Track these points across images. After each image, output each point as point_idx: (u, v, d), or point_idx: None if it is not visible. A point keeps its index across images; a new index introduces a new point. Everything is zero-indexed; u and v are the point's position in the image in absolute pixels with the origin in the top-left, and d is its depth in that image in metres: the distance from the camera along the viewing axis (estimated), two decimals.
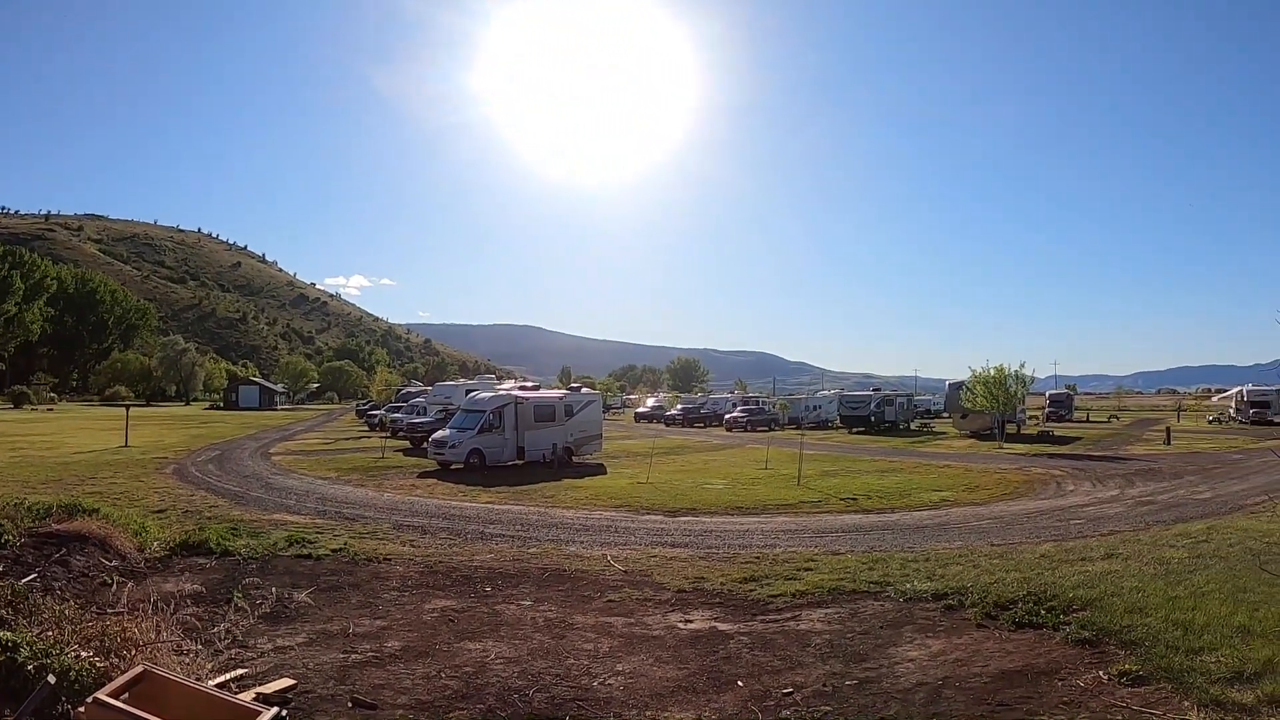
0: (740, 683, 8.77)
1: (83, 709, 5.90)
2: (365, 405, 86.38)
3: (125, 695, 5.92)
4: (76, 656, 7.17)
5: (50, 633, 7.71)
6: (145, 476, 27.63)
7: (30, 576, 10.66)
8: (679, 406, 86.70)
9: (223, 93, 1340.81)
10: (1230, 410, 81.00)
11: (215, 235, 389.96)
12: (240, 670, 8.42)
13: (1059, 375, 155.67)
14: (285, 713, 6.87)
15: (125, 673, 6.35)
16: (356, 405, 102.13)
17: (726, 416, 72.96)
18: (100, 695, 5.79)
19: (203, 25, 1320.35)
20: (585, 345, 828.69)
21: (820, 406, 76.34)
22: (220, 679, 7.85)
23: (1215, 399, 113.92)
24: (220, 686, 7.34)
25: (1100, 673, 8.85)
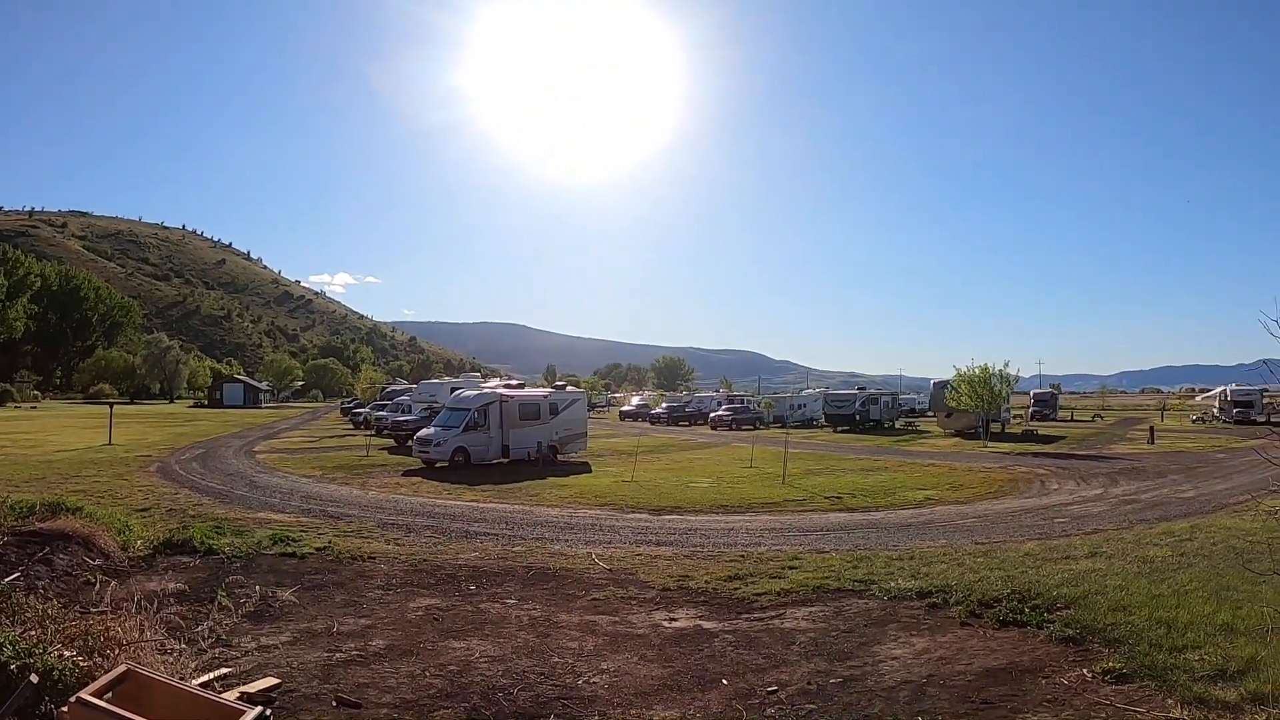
0: (725, 681, 8.81)
1: (66, 709, 5.89)
2: (350, 403, 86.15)
3: (109, 695, 5.91)
4: (60, 656, 7.14)
5: (33, 632, 7.67)
6: (129, 475, 27.48)
7: (13, 575, 10.61)
8: (664, 405, 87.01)
9: (208, 90, 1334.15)
10: (1214, 410, 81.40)
11: (200, 232, 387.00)
12: (224, 669, 8.41)
13: (1043, 374, 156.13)
14: (269, 712, 6.86)
15: (109, 672, 6.33)
16: (341, 403, 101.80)
17: (711, 415, 73.04)
18: (83, 695, 5.78)
19: (189, 23, 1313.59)
20: (570, 343, 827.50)
21: (805, 405, 76.47)
22: (204, 678, 7.83)
23: (1199, 398, 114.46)
24: (204, 686, 7.33)
25: (1084, 671, 8.93)
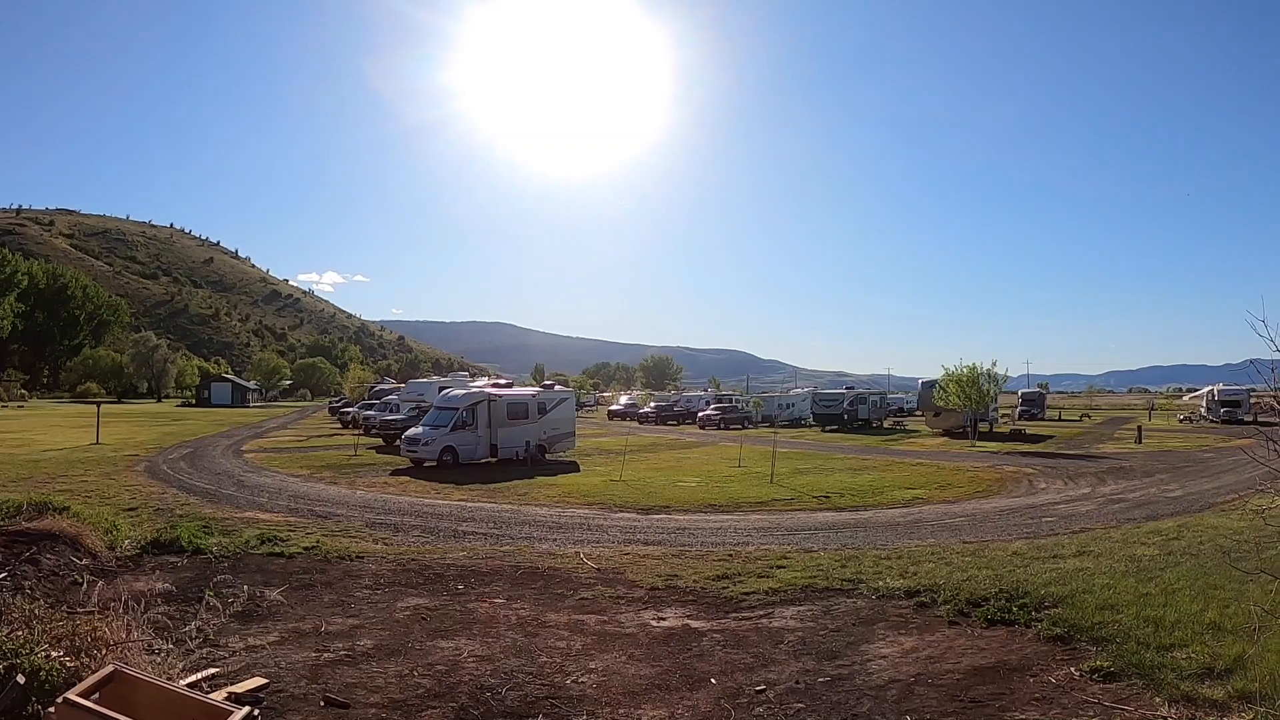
0: (713, 680, 8.82)
1: (53, 709, 5.88)
2: (338, 402, 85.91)
3: (96, 695, 5.91)
4: (46, 656, 7.13)
5: (20, 632, 7.66)
6: (117, 474, 27.39)
7: None
8: (652, 404, 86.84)
9: (196, 88, 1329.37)
10: (1201, 409, 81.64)
11: (188, 231, 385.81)
12: (212, 669, 8.40)
13: (1031, 374, 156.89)
14: (257, 712, 6.87)
15: (96, 672, 6.33)
16: (329, 402, 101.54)
17: (700, 414, 72.90)
18: (70, 695, 5.77)
19: (176, 21, 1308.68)
20: (559, 342, 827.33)
21: (794, 404, 76.62)
22: (191, 678, 7.83)
23: (1186, 398, 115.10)
24: (191, 686, 7.33)
25: (1072, 669, 8.98)
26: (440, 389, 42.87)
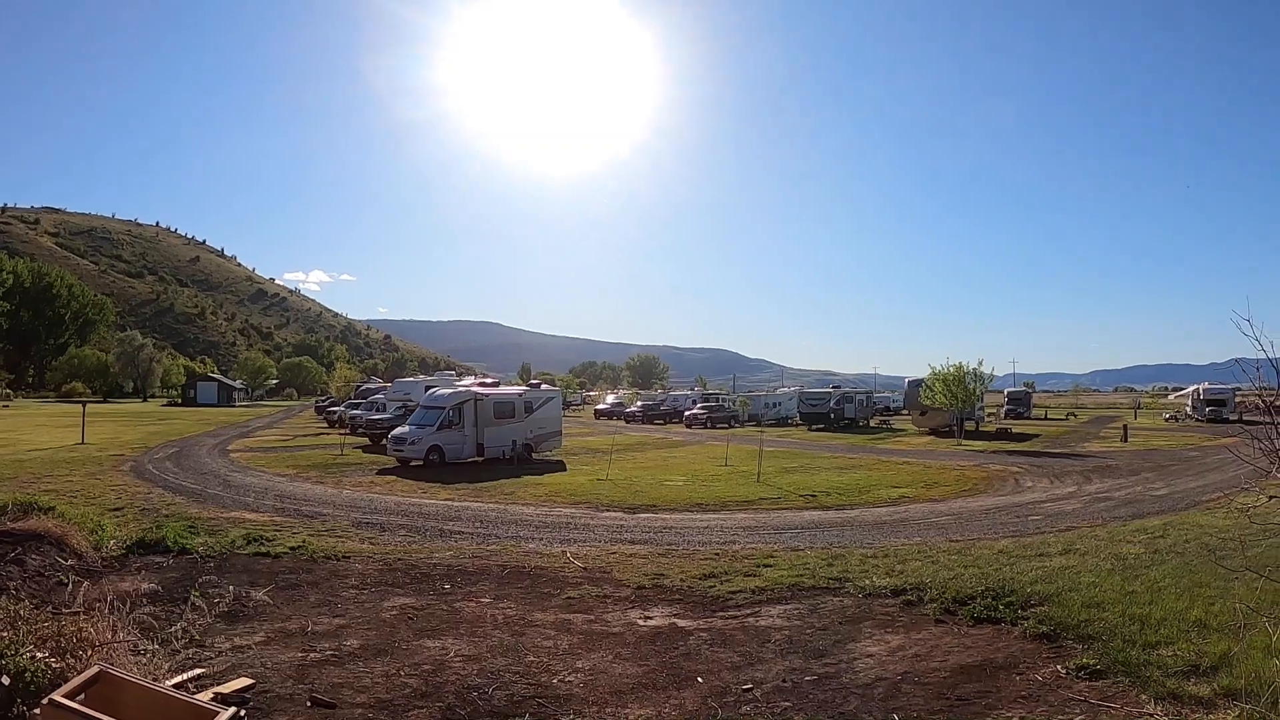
0: (700, 679, 8.84)
1: (38, 710, 5.87)
2: (325, 402, 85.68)
3: (81, 696, 5.89)
4: (32, 657, 7.11)
5: (4, 633, 7.62)
6: (102, 474, 27.27)
7: None
8: (639, 403, 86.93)
9: (183, 88, 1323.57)
10: (1187, 408, 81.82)
11: (174, 229, 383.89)
12: (198, 670, 8.39)
13: (1017, 373, 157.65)
14: (243, 712, 6.87)
15: (81, 673, 6.31)
16: (316, 402, 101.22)
17: (686, 413, 73.00)
18: (56, 696, 5.75)
19: (162, 19, 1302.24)
20: (545, 341, 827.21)
21: (780, 403, 76.74)
22: (177, 679, 7.81)
23: (1172, 397, 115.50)
24: (177, 686, 7.31)
25: (1058, 667, 9.03)
26: (426, 388, 42.80)
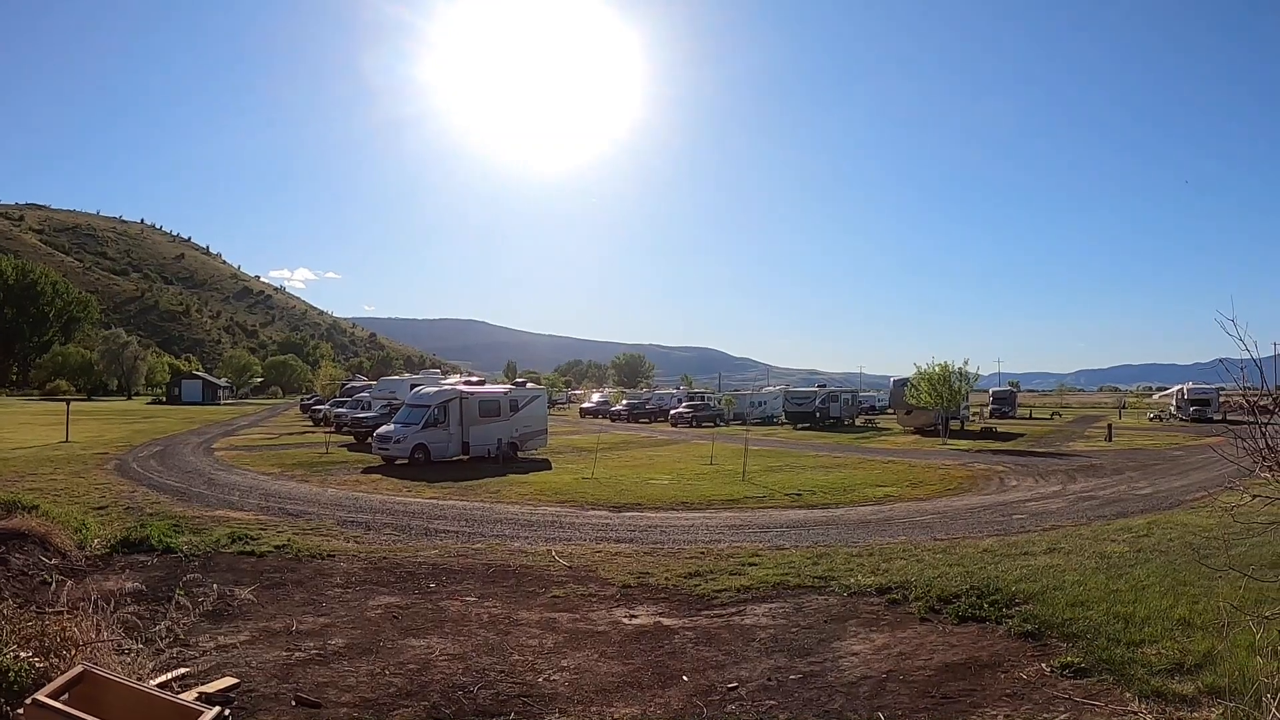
0: (685, 678, 8.85)
1: (22, 710, 5.85)
2: (310, 400, 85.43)
3: (65, 696, 5.88)
4: (15, 657, 7.09)
5: None
6: (86, 472, 27.12)
7: None
8: (624, 402, 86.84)
9: (167, 84, 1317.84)
10: (1171, 408, 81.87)
11: (159, 226, 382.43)
12: (182, 669, 8.37)
13: (1002, 372, 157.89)
14: (228, 712, 6.85)
15: (65, 673, 6.29)
16: (301, 400, 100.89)
17: (672, 412, 73.11)
18: (39, 696, 5.74)
19: (146, 15, 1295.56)
20: (531, 340, 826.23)
21: (765, 402, 76.86)
22: (162, 678, 7.79)
23: (1156, 397, 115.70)
24: (162, 686, 7.30)
25: (1043, 665, 9.07)
26: (412, 386, 42.78)
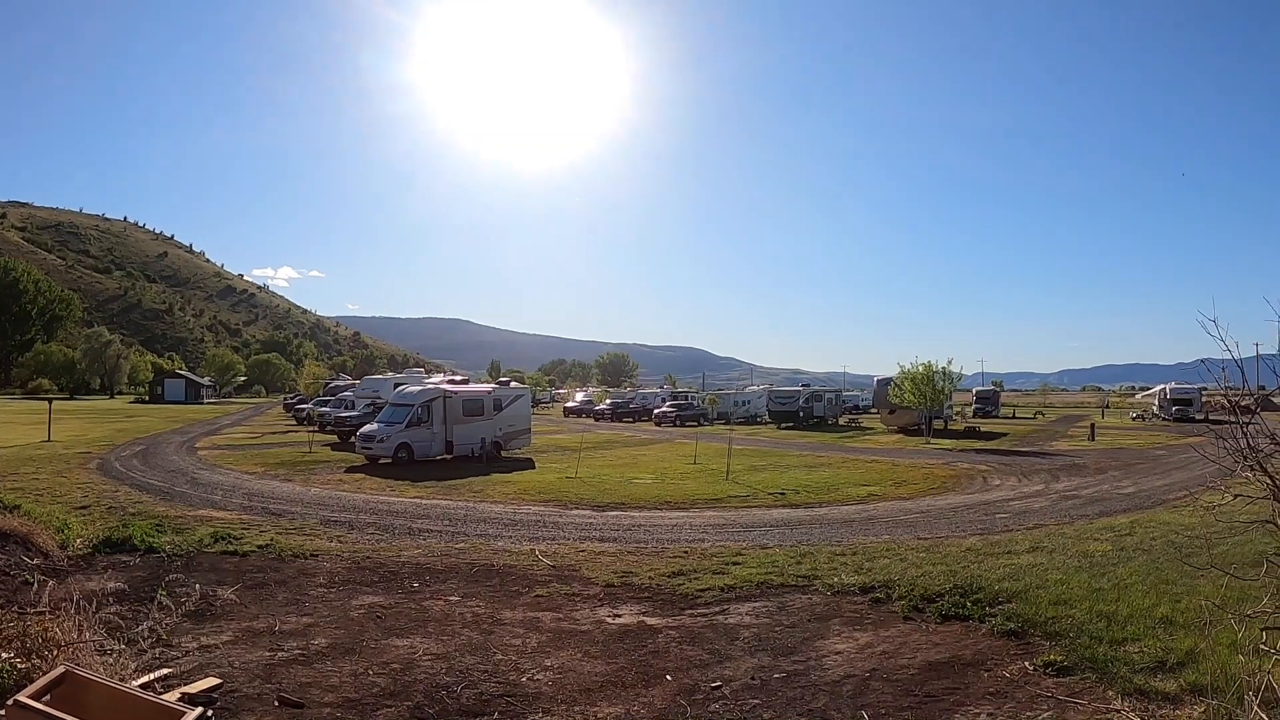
0: (669, 677, 8.88)
1: (3, 711, 5.84)
2: (293, 399, 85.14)
3: (47, 697, 5.87)
4: None
5: None
6: (68, 472, 27.00)
7: None
8: (608, 401, 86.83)
9: (151, 82, 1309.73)
10: (1153, 408, 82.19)
11: (142, 225, 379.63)
12: (165, 670, 8.35)
13: (986, 372, 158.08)
14: (211, 712, 6.86)
15: (47, 674, 6.28)
16: (284, 399, 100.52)
17: (656, 411, 73.11)
18: (20, 697, 5.73)
19: (129, 12, 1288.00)
20: (514, 339, 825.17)
21: (749, 402, 76.89)
22: (144, 679, 7.78)
23: (1139, 396, 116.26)
24: (144, 686, 7.29)
25: (1026, 663, 9.12)
26: (396, 385, 42.72)
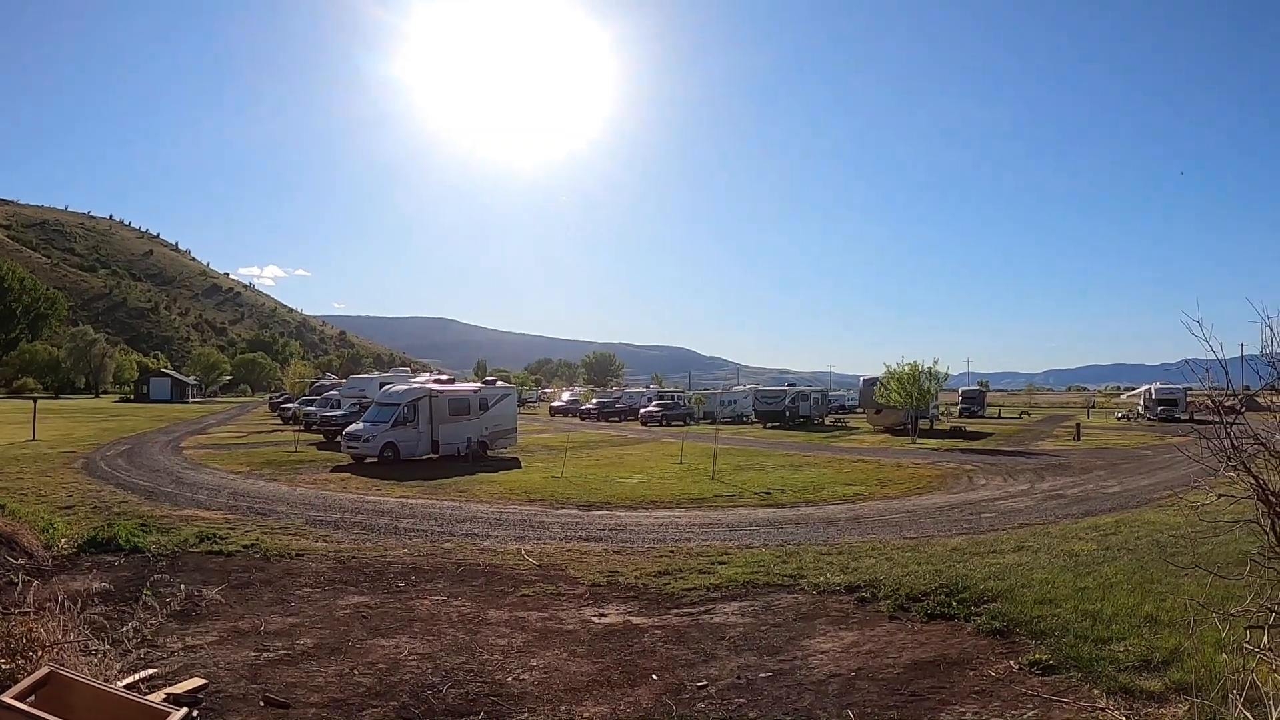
0: (654, 676, 8.89)
1: None
2: (279, 398, 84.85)
3: (31, 697, 5.86)
4: None
5: None
6: (53, 471, 26.88)
7: None
8: (594, 401, 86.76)
9: (137, 80, 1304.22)
10: (1139, 408, 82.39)
11: (127, 223, 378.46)
12: (150, 670, 8.34)
13: (971, 372, 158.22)
14: (196, 713, 6.86)
15: (31, 674, 6.27)
16: (270, 398, 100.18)
17: (642, 411, 73.16)
18: (4, 698, 5.72)
19: (117, 12, 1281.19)
20: (501, 339, 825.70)
21: (736, 401, 77.02)
22: (129, 679, 7.77)
23: (1124, 396, 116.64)
24: (129, 687, 7.28)
25: (1011, 662, 9.15)
26: (382, 385, 42.72)
